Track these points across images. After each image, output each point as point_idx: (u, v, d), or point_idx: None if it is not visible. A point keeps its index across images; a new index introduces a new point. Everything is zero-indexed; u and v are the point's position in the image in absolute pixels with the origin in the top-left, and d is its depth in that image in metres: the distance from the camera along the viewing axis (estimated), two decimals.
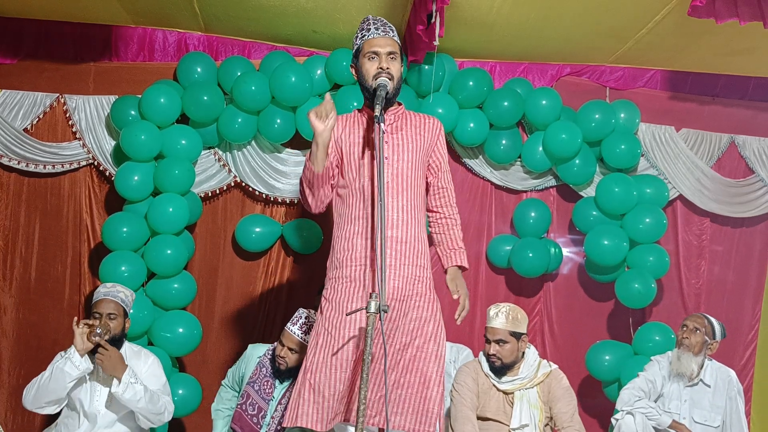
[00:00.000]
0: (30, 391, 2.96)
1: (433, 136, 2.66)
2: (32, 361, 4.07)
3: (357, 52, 2.57)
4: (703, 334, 3.40)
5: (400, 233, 2.49)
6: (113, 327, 3.06)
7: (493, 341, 3.24)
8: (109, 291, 3.15)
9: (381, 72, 2.48)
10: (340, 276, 2.52)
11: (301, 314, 3.22)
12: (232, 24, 4.16)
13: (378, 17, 2.61)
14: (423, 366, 2.48)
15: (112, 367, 2.94)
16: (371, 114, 2.55)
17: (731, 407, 3.42)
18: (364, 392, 2.13)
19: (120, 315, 3.11)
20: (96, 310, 3.10)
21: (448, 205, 2.71)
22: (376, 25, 2.56)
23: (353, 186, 2.54)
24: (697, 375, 3.41)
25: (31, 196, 4.19)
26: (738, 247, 4.69)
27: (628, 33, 4.06)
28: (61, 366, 2.90)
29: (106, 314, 3.07)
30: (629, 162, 4.32)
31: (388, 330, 2.46)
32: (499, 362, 3.25)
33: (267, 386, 3.21)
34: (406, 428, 2.46)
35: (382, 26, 2.56)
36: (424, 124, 2.65)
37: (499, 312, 3.27)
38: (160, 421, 3.08)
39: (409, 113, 2.67)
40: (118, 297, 3.13)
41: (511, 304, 3.35)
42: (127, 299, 3.18)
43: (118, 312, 3.10)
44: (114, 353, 2.96)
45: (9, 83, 4.13)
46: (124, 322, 3.14)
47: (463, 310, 2.61)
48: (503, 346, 3.24)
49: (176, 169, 3.88)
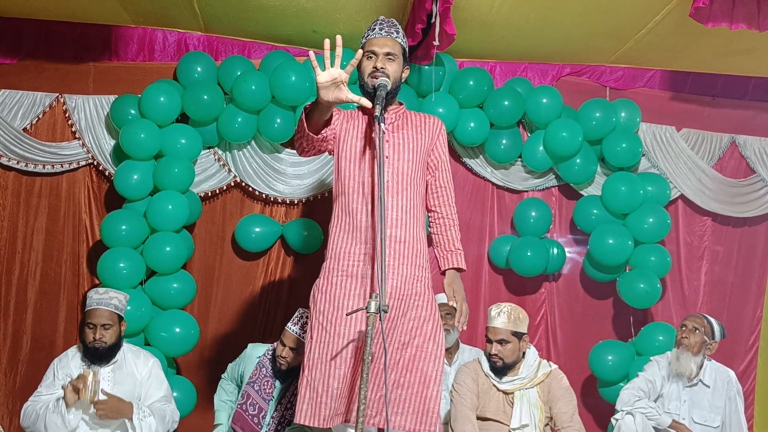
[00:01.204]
0: (28, 418, 2.97)
1: (434, 135, 2.65)
2: (31, 362, 4.07)
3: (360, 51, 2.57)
4: (702, 334, 3.40)
5: (399, 232, 2.49)
6: (109, 336, 3.05)
7: (495, 341, 3.24)
8: (101, 299, 3.11)
9: (375, 71, 2.48)
10: (336, 268, 2.51)
11: (302, 314, 3.21)
12: (232, 24, 4.16)
13: (389, 19, 2.61)
14: (422, 365, 2.47)
15: (117, 414, 2.91)
16: (370, 112, 2.54)
17: (731, 407, 3.40)
18: (364, 392, 2.12)
19: (115, 323, 3.09)
20: (90, 321, 3.07)
21: (446, 204, 2.69)
22: (381, 25, 2.57)
23: (353, 182, 2.54)
24: (696, 375, 3.40)
25: (30, 195, 4.18)
26: (740, 247, 4.69)
27: (628, 33, 4.06)
28: (53, 416, 2.88)
29: (100, 325, 3.05)
30: (630, 160, 4.31)
31: (386, 329, 2.46)
32: (501, 362, 3.24)
33: (267, 386, 3.21)
34: (407, 428, 2.45)
35: (386, 26, 2.56)
36: (424, 124, 2.65)
37: (500, 312, 3.27)
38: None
39: (410, 113, 2.67)
40: (111, 304, 3.10)
41: (513, 304, 3.35)
42: (121, 304, 3.15)
43: (112, 321, 3.08)
44: (111, 402, 2.91)
45: (9, 83, 4.13)
46: (120, 327, 3.13)
47: (462, 315, 2.58)
48: (505, 346, 3.24)
49: (176, 167, 3.87)
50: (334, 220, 2.60)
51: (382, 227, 2.28)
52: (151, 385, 3.13)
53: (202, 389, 4.05)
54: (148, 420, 2.95)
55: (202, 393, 4.02)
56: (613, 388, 4.00)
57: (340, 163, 2.60)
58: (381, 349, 2.39)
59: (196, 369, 4.20)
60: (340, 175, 2.60)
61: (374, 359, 2.43)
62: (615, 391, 3.71)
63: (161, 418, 3.00)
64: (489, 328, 3.29)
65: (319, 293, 2.54)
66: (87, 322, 3.08)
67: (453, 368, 3.66)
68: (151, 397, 3.12)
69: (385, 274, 2.28)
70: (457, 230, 2.70)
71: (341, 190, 2.59)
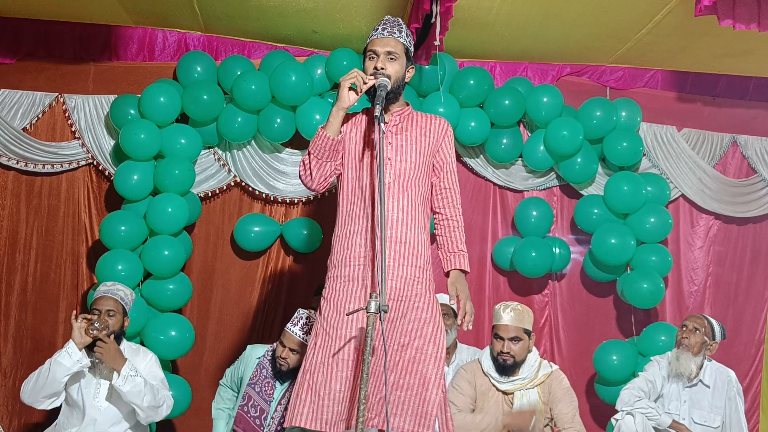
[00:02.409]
0: (27, 384, 2.96)
1: (439, 136, 2.62)
2: (29, 362, 4.05)
3: (364, 52, 2.57)
4: (702, 335, 3.39)
5: (400, 233, 2.48)
6: (112, 324, 3.05)
7: (508, 339, 3.22)
8: (108, 289, 3.16)
9: (375, 72, 2.47)
10: (339, 275, 2.51)
11: (302, 315, 3.21)
12: (232, 24, 4.16)
13: (395, 18, 2.58)
14: (422, 368, 2.45)
15: (112, 360, 2.94)
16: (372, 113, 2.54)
17: (731, 408, 3.40)
18: (364, 392, 2.12)
19: (119, 312, 3.10)
20: (95, 307, 3.10)
21: (451, 206, 2.66)
22: (384, 25, 2.55)
23: (354, 185, 2.54)
24: (696, 375, 3.40)
25: (29, 195, 4.18)
26: (743, 246, 4.67)
27: (628, 33, 4.06)
28: (58, 359, 2.90)
29: (105, 311, 3.06)
30: (631, 159, 4.31)
31: (386, 330, 2.45)
32: (512, 360, 3.22)
33: (268, 387, 3.21)
34: (405, 429, 2.44)
35: (389, 26, 2.54)
36: (430, 125, 2.62)
37: (509, 309, 3.26)
38: (160, 415, 3.07)
39: (416, 114, 2.64)
40: (118, 295, 3.13)
41: (518, 303, 3.35)
42: (127, 297, 3.18)
43: (116, 309, 3.10)
44: (113, 346, 2.96)
45: (8, 83, 4.13)
46: (123, 320, 3.13)
47: (465, 314, 2.55)
48: (517, 344, 3.23)
49: (176, 168, 3.87)
50: (336, 229, 2.59)
51: (382, 227, 2.27)
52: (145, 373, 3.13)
53: (201, 389, 4.05)
54: (137, 379, 2.95)
55: (201, 393, 4.02)
56: (612, 388, 3.99)
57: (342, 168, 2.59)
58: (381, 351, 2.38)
59: (195, 369, 4.19)
60: (342, 180, 2.59)
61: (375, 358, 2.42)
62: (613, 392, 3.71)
63: (151, 389, 3.00)
64: (499, 326, 3.27)
65: (324, 303, 2.53)
66: (92, 309, 3.11)
67: (451, 368, 3.65)
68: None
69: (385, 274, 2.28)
70: (462, 232, 2.67)
71: (343, 195, 2.58)
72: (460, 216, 2.67)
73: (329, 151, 2.49)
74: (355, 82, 2.40)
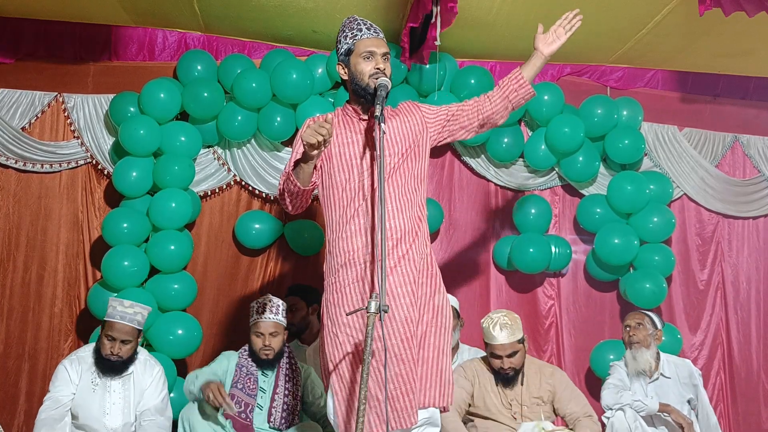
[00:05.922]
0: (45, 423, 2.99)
1: (415, 116, 2.61)
2: (29, 363, 4.05)
3: (348, 51, 2.54)
4: (646, 327, 3.49)
5: (397, 222, 2.47)
6: (125, 351, 3.09)
7: (506, 357, 3.23)
8: (125, 313, 3.11)
9: (378, 72, 2.47)
10: (345, 279, 2.46)
11: (260, 302, 3.34)
12: (232, 24, 4.16)
13: (364, 19, 2.60)
14: (435, 340, 2.47)
15: None
16: (357, 112, 2.54)
17: (696, 395, 3.51)
18: (364, 392, 2.11)
19: (134, 338, 3.12)
20: (110, 333, 3.08)
21: (475, 99, 2.66)
22: (367, 25, 2.56)
23: (346, 186, 2.49)
24: (657, 369, 3.49)
25: (28, 195, 4.16)
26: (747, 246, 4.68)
27: (628, 33, 4.06)
28: None
29: (120, 340, 3.08)
30: (633, 157, 4.31)
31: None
32: (513, 371, 3.26)
33: (250, 382, 3.29)
34: (432, 404, 2.44)
35: (374, 28, 2.57)
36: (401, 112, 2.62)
37: (498, 326, 3.23)
38: None
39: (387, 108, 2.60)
40: (135, 320, 3.12)
41: (502, 312, 3.32)
42: (143, 319, 3.18)
43: (132, 336, 3.11)
44: None
45: (7, 82, 4.12)
46: (137, 340, 3.16)
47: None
48: (516, 357, 3.24)
49: (176, 165, 3.86)
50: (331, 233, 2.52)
51: (382, 228, 2.26)
52: (148, 390, 3.17)
53: None
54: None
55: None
56: None
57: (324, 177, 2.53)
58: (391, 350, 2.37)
59: (194, 368, 4.18)
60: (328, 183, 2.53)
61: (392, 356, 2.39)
62: None
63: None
64: (494, 345, 3.24)
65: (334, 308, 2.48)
66: (107, 333, 3.09)
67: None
68: (146, 403, 3.17)
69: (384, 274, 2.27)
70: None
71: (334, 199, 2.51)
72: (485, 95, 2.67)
73: (303, 194, 2.46)
74: (312, 140, 2.26)
